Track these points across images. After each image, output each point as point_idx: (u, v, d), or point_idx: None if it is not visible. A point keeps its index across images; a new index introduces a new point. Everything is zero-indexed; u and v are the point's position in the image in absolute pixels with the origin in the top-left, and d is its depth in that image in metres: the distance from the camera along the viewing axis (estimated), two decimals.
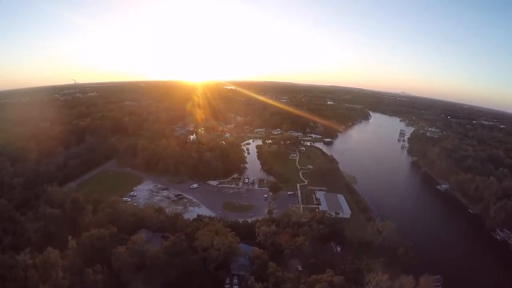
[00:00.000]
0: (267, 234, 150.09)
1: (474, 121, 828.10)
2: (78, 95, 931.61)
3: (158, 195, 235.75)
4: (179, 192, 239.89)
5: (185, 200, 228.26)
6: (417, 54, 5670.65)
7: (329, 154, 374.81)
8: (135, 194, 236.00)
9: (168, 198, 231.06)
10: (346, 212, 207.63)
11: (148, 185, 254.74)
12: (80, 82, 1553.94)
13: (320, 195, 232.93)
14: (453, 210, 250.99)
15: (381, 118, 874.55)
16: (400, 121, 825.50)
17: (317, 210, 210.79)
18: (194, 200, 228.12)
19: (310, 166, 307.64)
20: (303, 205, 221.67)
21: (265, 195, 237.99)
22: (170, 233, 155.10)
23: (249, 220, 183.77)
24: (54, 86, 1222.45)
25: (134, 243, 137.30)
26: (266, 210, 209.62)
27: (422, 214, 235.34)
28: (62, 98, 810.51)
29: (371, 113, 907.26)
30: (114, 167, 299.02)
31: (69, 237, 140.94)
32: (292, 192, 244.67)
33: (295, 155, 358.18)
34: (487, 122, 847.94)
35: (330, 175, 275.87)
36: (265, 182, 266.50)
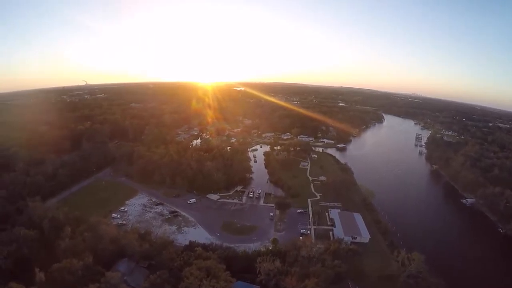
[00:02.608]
0: (270, 272, 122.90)
1: (490, 124, 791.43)
2: (86, 96, 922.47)
3: (151, 211, 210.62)
4: (174, 208, 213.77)
5: (180, 218, 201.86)
6: (427, 54, 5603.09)
7: (343, 162, 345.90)
8: (126, 209, 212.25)
9: (162, 215, 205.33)
10: (364, 236, 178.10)
11: (142, 199, 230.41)
12: (91, 84, 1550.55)
13: (334, 214, 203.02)
14: (482, 230, 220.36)
15: (395, 121, 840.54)
16: (415, 124, 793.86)
17: (331, 233, 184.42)
18: (190, 218, 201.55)
19: (323, 177, 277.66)
20: (314, 226, 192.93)
21: (271, 214, 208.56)
22: (156, 263, 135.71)
23: (250, 250, 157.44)
24: (63, 87, 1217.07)
25: (108, 282, 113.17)
26: (271, 236, 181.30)
27: (449, 236, 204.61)
28: (69, 100, 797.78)
29: (384, 115, 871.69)
30: (109, 176, 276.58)
31: (37, 270, 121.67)
32: (302, 210, 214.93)
33: (306, 163, 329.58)
34: (503, 125, 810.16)
35: (345, 188, 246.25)
36: (272, 196, 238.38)
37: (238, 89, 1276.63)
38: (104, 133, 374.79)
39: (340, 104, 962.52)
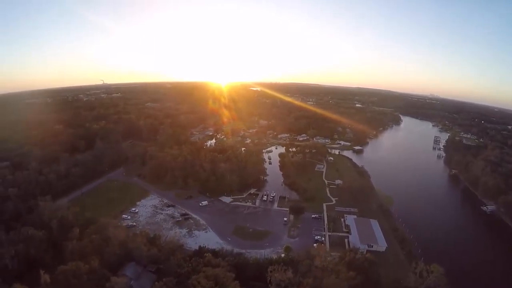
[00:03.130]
0: (281, 283, 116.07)
1: (510, 127, 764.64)
2: (102, 95, 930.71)
3: (162, 213, 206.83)
4: (185, 211, 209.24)
5: (191, 221, 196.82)
6: (445, 55, 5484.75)
7: (359, 165, 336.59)
8: (136, 210, 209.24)
9: (173, 217, 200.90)
10: (381, 244, 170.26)
11: (154, 200, 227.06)
12: (108, 83, 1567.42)
13: (350, 220, 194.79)
14: (504, 240, 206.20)
15: (413, 123, 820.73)
16: (433, 126, 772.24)
17: (346, 240, 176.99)
18: (202, 221, 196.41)
19: (339, 181, 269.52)
20: (329, 233, 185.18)
21: (285, 218, 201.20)
22: (164, 267, 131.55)
23: (262, 256, 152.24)
24: (81, 86, 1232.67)
25: (113, 287, 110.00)
26: (284, 242, 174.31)
27: (468, 245, 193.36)
28: (85, 99, 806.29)
29: (401, 116, 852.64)
30: (121, 176, 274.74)
31: (42, 272, 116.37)
32: (317, 215, 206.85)
33: (322, 166, 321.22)
34: None
35: (361, 193, 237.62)
36: (286, 200, 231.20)
37: (254, 89, 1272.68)
38: (118, 132, 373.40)
39: (357, 105, 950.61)
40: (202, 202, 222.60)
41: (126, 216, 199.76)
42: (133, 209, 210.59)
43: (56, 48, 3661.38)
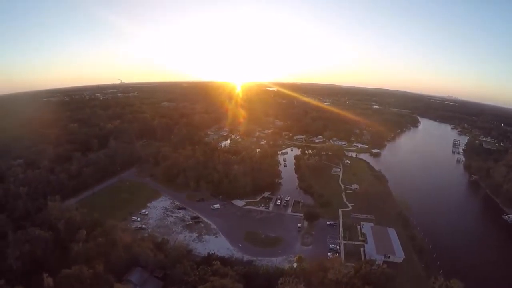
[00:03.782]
0: None
1: None
2: (119, 94, 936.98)
3: (172, 216, 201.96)
4: (196, 214, 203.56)
5: (202, 225, 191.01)
6: (462, 55, 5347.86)
7: (377, 169, 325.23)
8: (147, 212, 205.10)
9: (183, 220, 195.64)
10: (398, 255, 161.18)
11: (165, 202, 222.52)
12: (126, 82, 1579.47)
13: (367, 228, 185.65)
14: None
15: (431, 125, 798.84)
16: (452, 128, 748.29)
17: (362, 250, 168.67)
18: (213, 226, 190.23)
19: (356, 186, 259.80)
20: (344, 241, 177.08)
21: (299, 224, 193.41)
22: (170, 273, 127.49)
23: (273, 264, 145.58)
24: (98, 85, 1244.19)
25: None
26: (297, 250, 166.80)
27: (488, 257, 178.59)
28: (102, 98, 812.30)
29: (419, 118, 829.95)
30: (133, 176, 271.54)
31: (45, 275, 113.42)
32: (332, 222, 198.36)
33: (338, 169, 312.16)
34: None
35: (379, 198, 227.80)
36: (300, 205, 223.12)
37: (271, 89, 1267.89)
38: (132, 132, 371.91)
39: (374, 106, 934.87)
40: (214, 205, 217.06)
41: (136, 218, 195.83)
42: (143, 210, 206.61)
43: (77, 48, 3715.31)
